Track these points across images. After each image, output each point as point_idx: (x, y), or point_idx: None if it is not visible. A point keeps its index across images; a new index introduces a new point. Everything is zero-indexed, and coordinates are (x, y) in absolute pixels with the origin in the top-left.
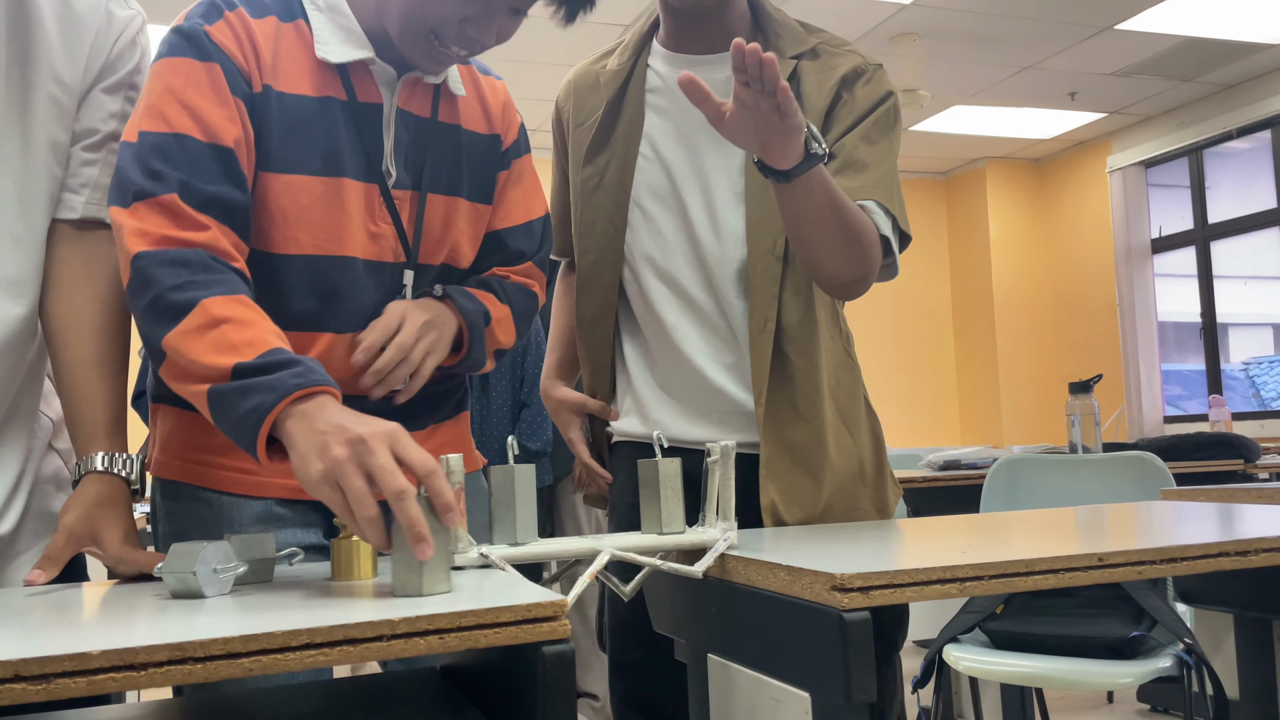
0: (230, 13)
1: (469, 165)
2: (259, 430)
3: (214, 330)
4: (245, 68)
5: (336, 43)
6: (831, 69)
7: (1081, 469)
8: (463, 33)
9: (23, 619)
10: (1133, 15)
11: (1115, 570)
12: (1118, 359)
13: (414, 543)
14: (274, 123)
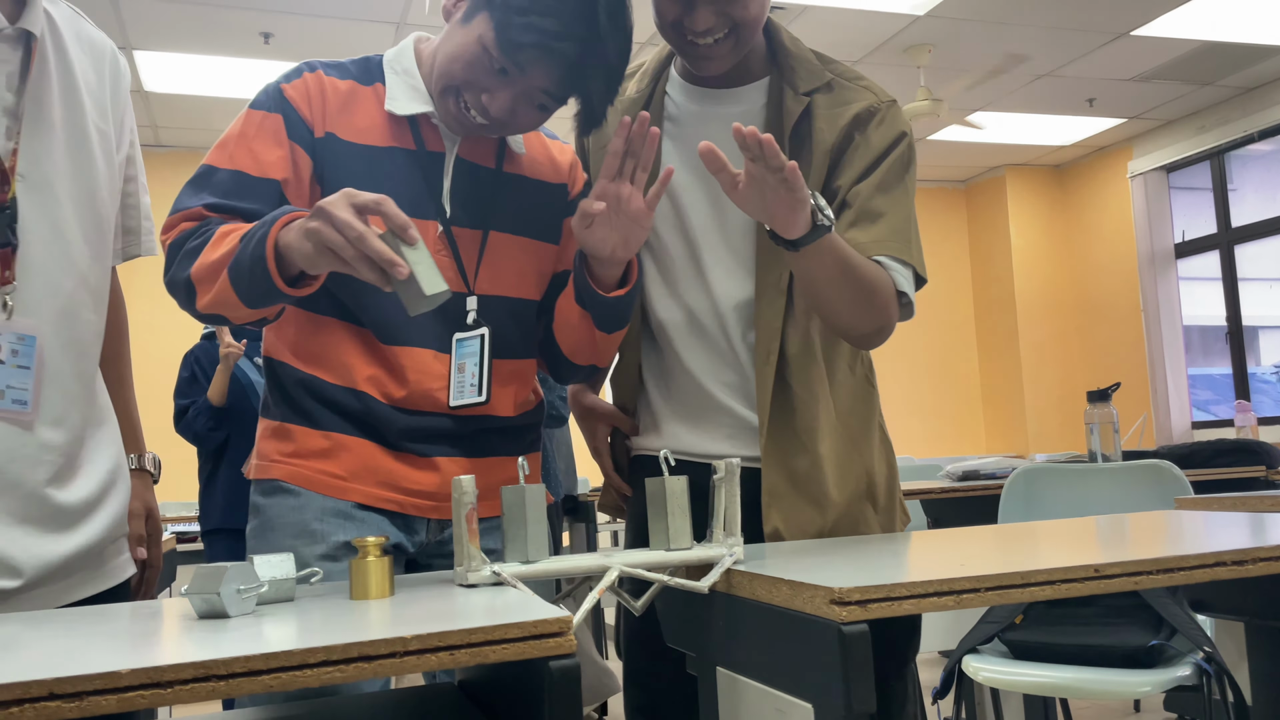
0: (309, 74)
1: (533, 209)
2: (264, 258)
3: (224, 238)
4: (309, 117)
5: (404, 99)
6: (844, 105)
7: (1099, 478)
8: (480, 102)
9: (55, 639)
10: (1149, 21)
11: (1111, 581)
12: (1143, 364)
13: (388, 267)
14: (337, 164)
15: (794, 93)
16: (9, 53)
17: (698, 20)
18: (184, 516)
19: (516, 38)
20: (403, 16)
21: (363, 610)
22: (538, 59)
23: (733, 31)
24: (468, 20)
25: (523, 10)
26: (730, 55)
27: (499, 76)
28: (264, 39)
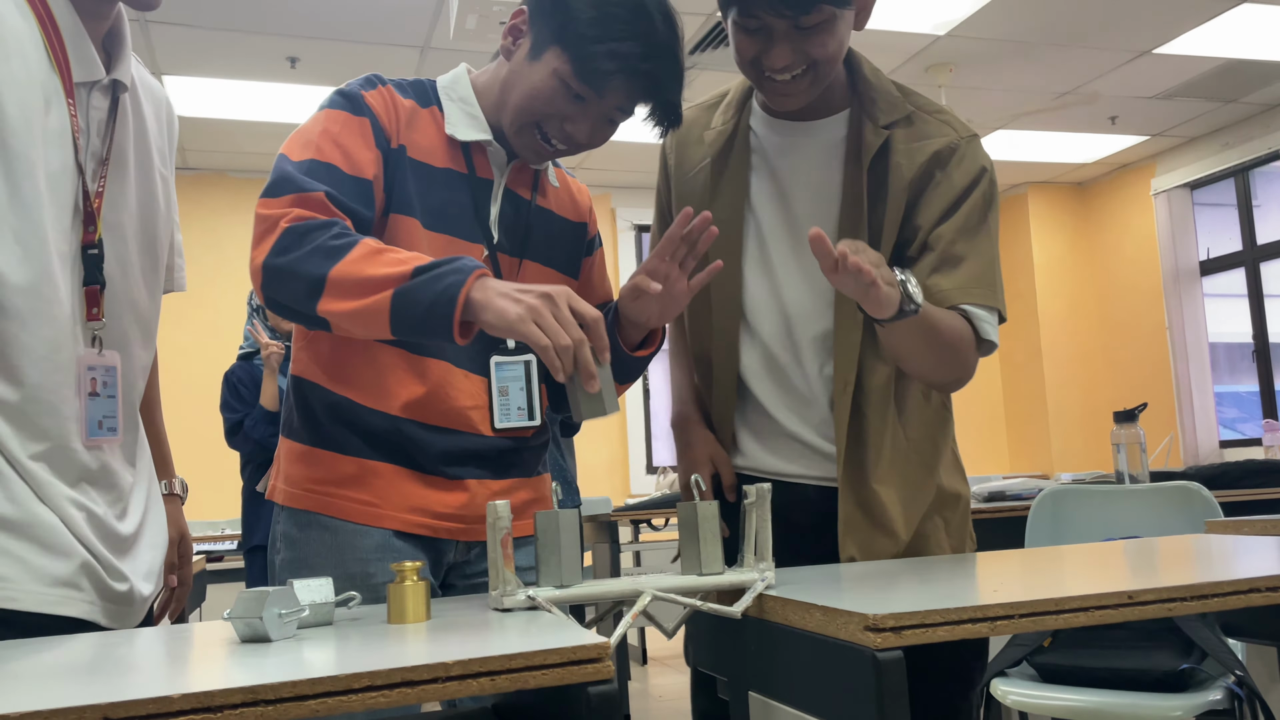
0: (382, 87)
1: (560, 243)
2: (455, 304)
3: (380, 255)
4: (388, 127)
5: (463, 125)
6: (924, 140)
7: (1127, 499)
8: (563, 131)
9: (106, 664)
10: (1171, 39)
11: (1145, 608)
12: (1168, 383)
13: (587, 380)
14: (404, 178)
15: (874, 125)
16: (100, 100)
17: (775, 58)
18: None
19: (599, 66)
20: (426, 41)
21: (401, 635)
22: (619, 83)
23: (810, 69)
24: (536, 56)
25: (598, 39)
26: (808, 92)
27: (577, 103)
28: (290, 63)
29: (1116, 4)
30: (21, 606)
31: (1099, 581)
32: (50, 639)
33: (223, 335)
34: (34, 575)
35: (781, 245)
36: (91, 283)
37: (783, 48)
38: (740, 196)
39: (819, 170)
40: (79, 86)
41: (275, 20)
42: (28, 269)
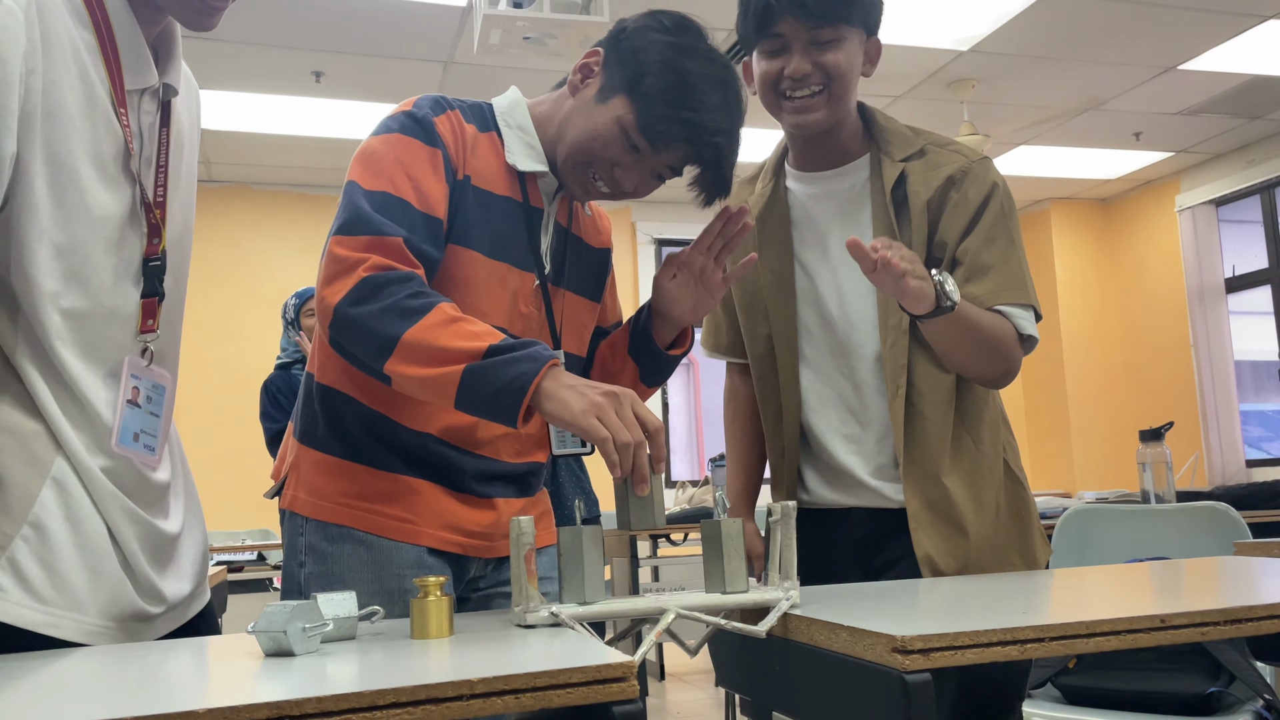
0: (450, 112)
1: (591, 271)
2: (525, 393)
3: (454, 325)
4: (455, 158)
5: (522, 155)
6: (937, 168)
7: (1154, 519)
8: (611, 175)
9: (130, 677)
10: (1196, 56)
11: (1179, 632)
12: (1193, 400)
13: (638, 483)
14: (466, 206)
15: (890, 160)
16: (150, 105)
17: (795, 68)
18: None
19: (665, 130)
20: (450, 56)
21: (424, 650)
22: (678, 147)
23: (826, 85)
24: (604, 100)
25: (671, 103)
26: (826, 107)
27: (632, 154)
28: (315, 77)
29: (1141, 20)
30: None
31: (1129, 604)
32: (73, 651)
33: (244, 346)
34: (35, 594)
35: (827, 284)
36: (151, 294)
37: (801, 59)
38: (786, 245)
39: (850, 209)
40: (131, 94)
41: (300, 35)
42: (76, 285)
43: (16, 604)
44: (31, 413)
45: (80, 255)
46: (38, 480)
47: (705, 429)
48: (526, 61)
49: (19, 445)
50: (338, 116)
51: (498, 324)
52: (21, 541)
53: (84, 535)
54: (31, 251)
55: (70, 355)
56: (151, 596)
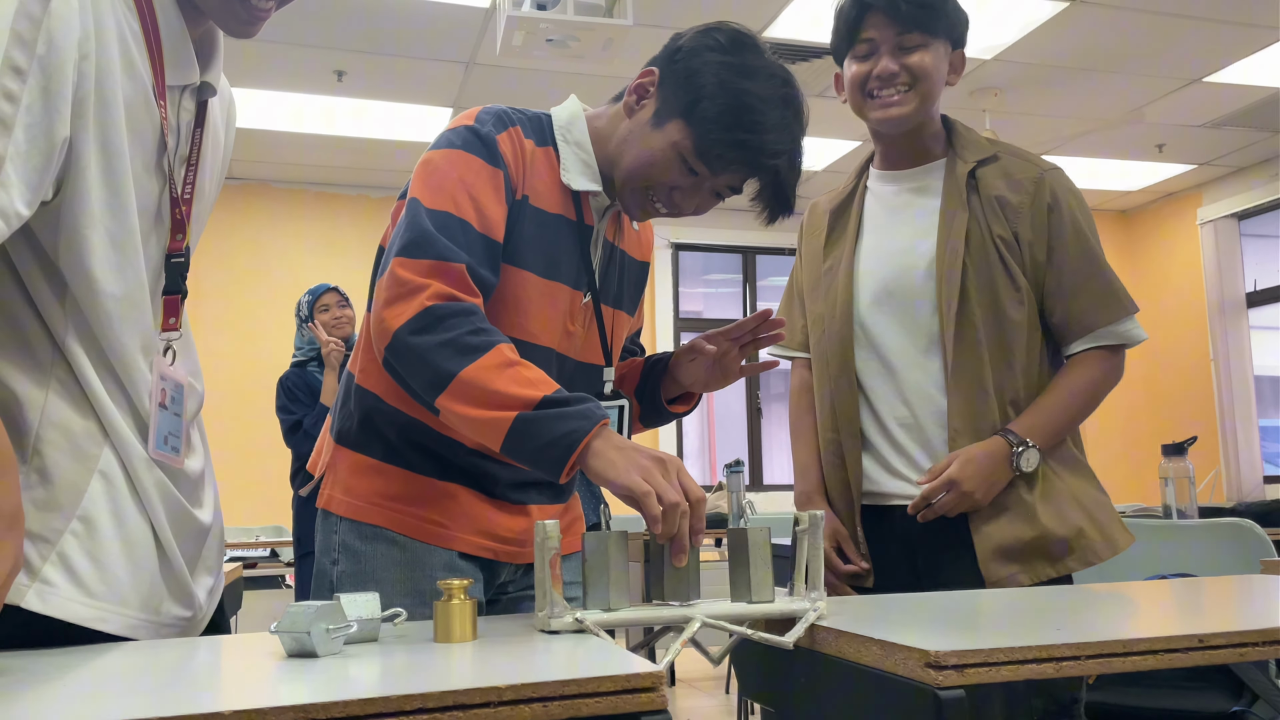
0: (512, 129)
1: (633, 285)
2: (574, 450)
3: (511, 369)
4: (515, 178)
5: (577, 173)
6: (1008, 174)
7: (1177, 535)
8: (670, 198)
9: (153, 677)
10: (1221, 69)
11: (1216, 652)
12: (1212, 415)
13: (676, 552)
14: (521, 225)
15: (964, 162)
16: (189, 103)
17: (882, 67)
18: (245, 543)
19: (723, 154)
20: (472, 56)
21: (448, 654)
22: (737, 169)
23: (912, 85)
24: (659, 124)
25: (729, 127)
26: (911, 102)
27: (690, 177)
28: (337, 76)
29: (1166, 32)
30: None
31: (1165, 623)
32: (97, 648)
33: (261, 343)
34: (84, 589)
35: (892, 281)
36: (173, 291)
37: (888, 60)
38: (850, 248)
39: (921, 202)
40: (171, 89)
41: (323, 34)
42: (124, 275)
43: (68, 599)
44: (79, 402)
45: (132, 245)
46: (85, 474)
47: (718, 434)
48: (549, 63)
49: (66, 438)
50: (359, 116)
51: (546, 343)
52: (71, 536)
53: (128, 529)
54: (85, 239)
55: (122, 343)
56: (186, 590)
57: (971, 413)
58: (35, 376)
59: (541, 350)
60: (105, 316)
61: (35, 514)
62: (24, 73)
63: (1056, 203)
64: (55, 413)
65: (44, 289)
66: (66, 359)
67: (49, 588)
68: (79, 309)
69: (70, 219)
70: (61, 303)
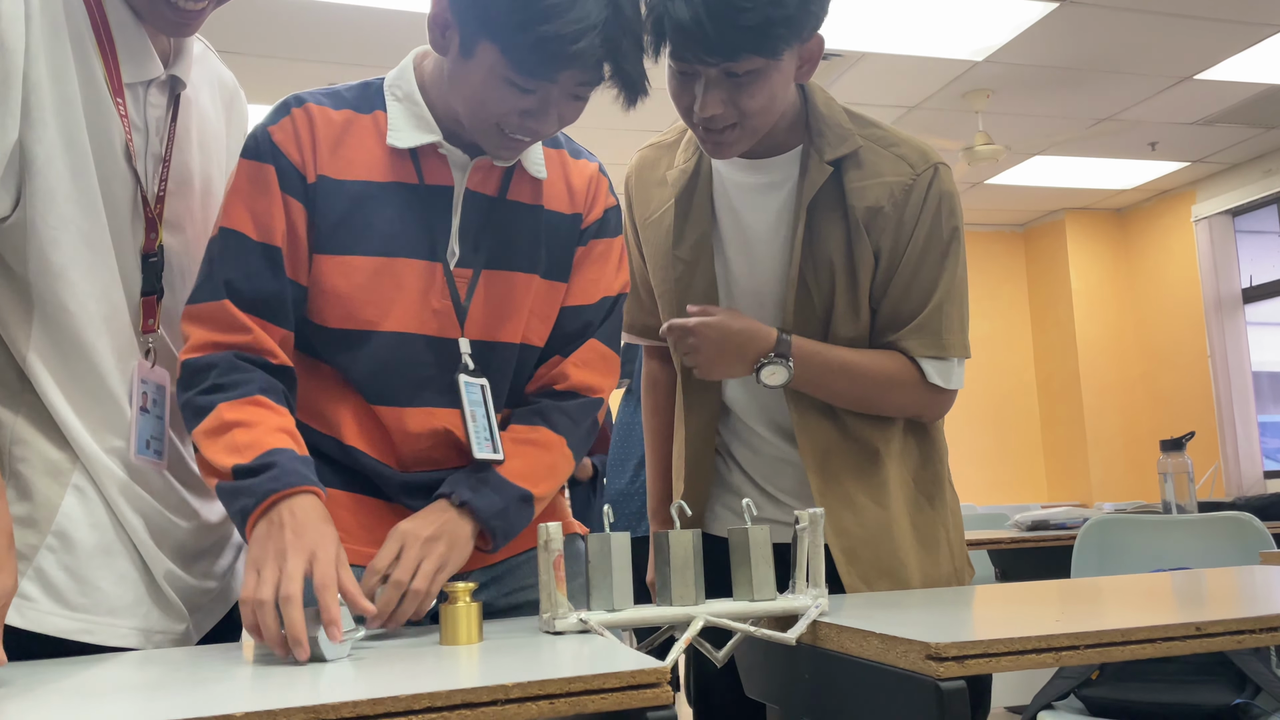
0: (297, 109)
1: (548, 244)
2: (245, 529)
3: (225, 434)
4: (301, 162)
5: (408, 129)
6: (875, 176)
7: (1176, 530)
8: (524, 124)
9: (164, 681)
10: (1212, 66)
11: (1214, 640)
12: (1210, 411)
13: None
14: (329, 209)
15: (819, 160)
16: (158, 98)
17: (705, 106)
18: None
19: (533, 56)
20: None
21: (455, 656)
22: (568, 66)
23: (740, 122)
24: (469, 53)
25: (525, 25)
26: (741, 142)
27: (529, 96)
28: None
29: (1157, 30)
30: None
31: (1163, 612)
32: (108, 656)
33: None
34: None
35: (746, 285)
36: (149, 292)
37: (713, 95)
38: (705, 238)
39: (775, 210)
40: (131, 86)
41: (320, 48)
42: (98, 274)
43: (47, 613)
44: (47, 423)
45: (104, 243)
46: (60, 490)
47: None
48: None
49: (38, 456)
50: None
51: (396, 328)
52: (47, 551)
53: (107, 542)
54: (55, 241)
55: (94, 349)
56: (172, 601)
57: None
58: (4, 399)
59: (387, 337)
60: (76, 324)
61: (14, 531)
62: None
63: (922, 215)
64: (24, 433)
65: (8, 306)
66: (29, 376)
67: (27, 602)
68: (46, 323)
69: (39, 224)
70: (28, 319)
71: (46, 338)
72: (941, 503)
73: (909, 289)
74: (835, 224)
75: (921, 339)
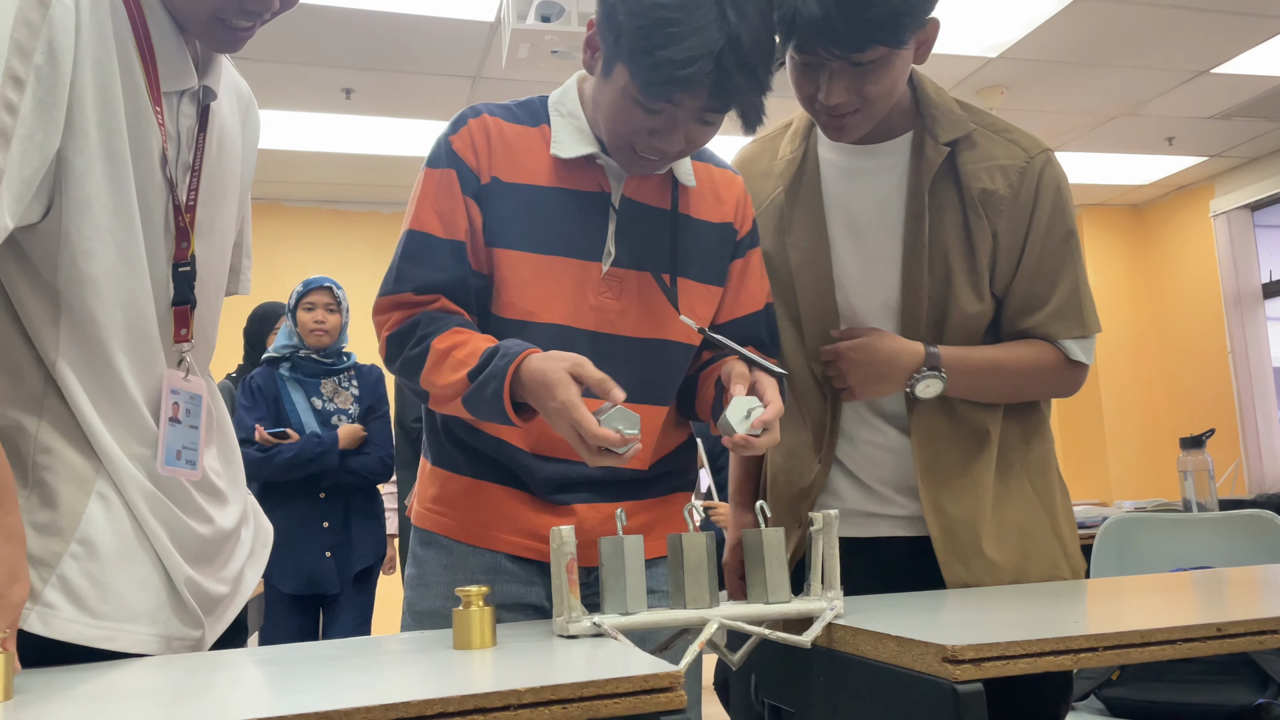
0: (474, 119)
1: (697, 249)
2: (503, 408)
3: (446, 360)
4: (477, 166)
5: (570, 141)
6: (989, 160)
7: (1196, 528)
8: (651, 143)
9: (173, 689)
10: (1229, 59)
11: (1235, 640)
12: (1231, 408)
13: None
14: (499, 207)
15: (934, 143)
16: (189, 107)
17: (831, 94)
18: None
19: (654, 78)
20: (479, 71)
21: (468, 660)
22: (682, 90)
23: (865, 106)
24: (608, 74)
25: (648, 50)
26: (861, 126)
27: (657, 117)
28: (345, 94)
29: (1172, 24)
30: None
31: (1182, 613)
32: (110, 664)
33: None
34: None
35: (855, 272)
36: (182, 301)
37: (838, 84)
38: (818, 224)
39: (885, 193)
40: (168, 95)
41: (330, 53)
42: (130, 285)
43: (70, 620)
44: (71, 429)
45: (137, 253)
46: (84, 497)
47: None
48: (555, 75)
49: (62, 463)
50: (368, 133)
51: (554, 320)
52: (70, 559)
53: (129, 548)
54: (89, 251)
55: (124, 357)
56: (190, 608)
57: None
58: (27, 404)
59: (547, 328)
60: (103, 333)
61: (36, 538)
62: (23, 83)
63: (1040, 198)
64: (48, 439)
65: (36, 312)
66: (58, 385)
67: (50, 610)
68: (73, 331)
69: (74, 233)
70: (55, 325)
71: (74, 344)
72: (1047, 485)
73: (1038, 273)
74: (951, 204)
75: (1064, 322)
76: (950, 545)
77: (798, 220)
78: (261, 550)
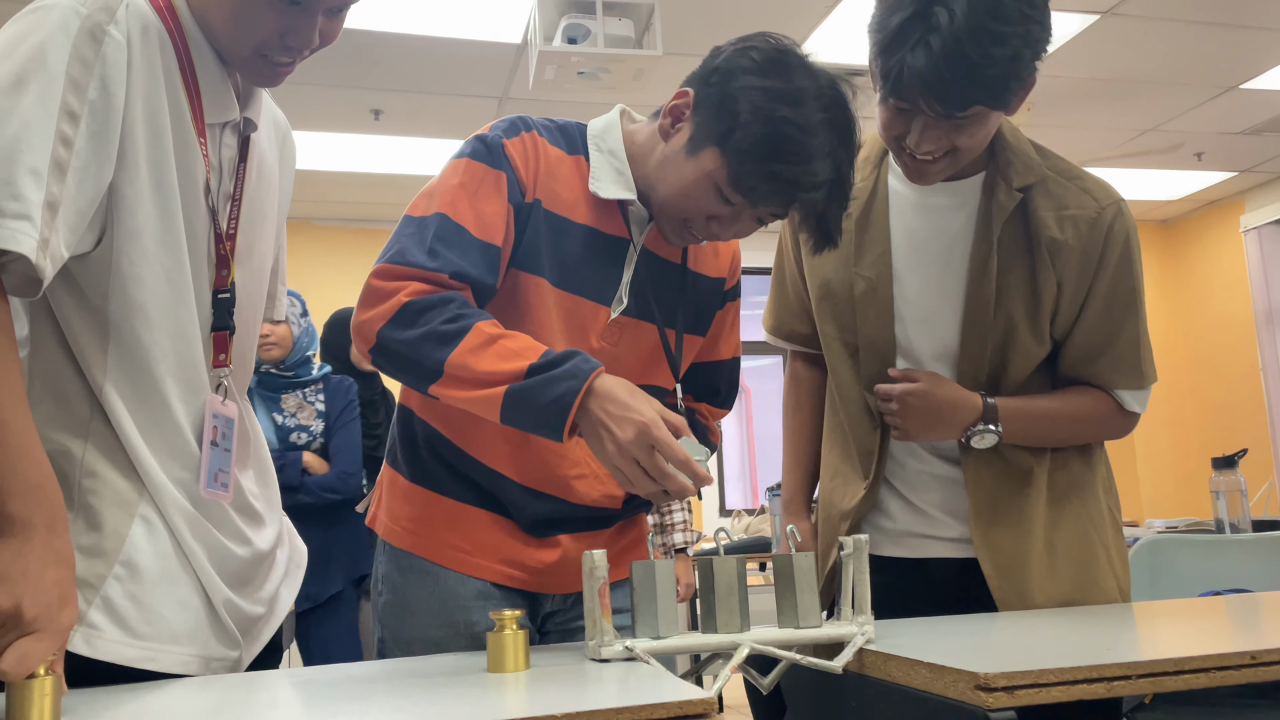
0: (527, 134)
1: (692, 302)
2: (568, 412)
3: (493, 345)
4: (525, 180)
5: (609, 181)
6: (1062, 208)
7: (1230, 550)
8: (708, 227)
9: (204, 710)
10: (1257, 75)
11: (1270, 669)
12: (1264, 426)
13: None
14: (536, 231)
15: (1007, 187)
16: (230, 138)
17: (922, 142)
18: None
19: (756, 185)
20: (505, 91)
21: (501, 684)
22: (786, 203)
23: (951, 153)
24: (694, 152)
25: (764, 159)
26: (945, 173)
27: (727, 206)
28: (374, 115)
29: (1200, 40)
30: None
31: (1217, 640)
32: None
33: None
34: (130, 630)
35: (917, 307)
36: (221, 327)
37: (931, 134)
38: (884, 255)
39: (954, 232)
40: (211, 127)
41: (359, 74)
42: (177, 312)
43: (113, 642)
44: (115, 453)
45: (184, 280)
46: (127, 520)
47: (758, 456)
48: (582, 95)
49: (106, 486)
50: (396, 153)
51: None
52: (114, 580)
53: (171, 570)
54: (139, 279)
55: (171, 382)
56: (228, 630)
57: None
58: (74, 428)
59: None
60: (150, 358)
61: (81, 560)
62: (78, 117)
63: (1107, 250)
64: (93, 463)
65: (85, 337)
66: (104, 410)
67: (95, 632)
68: (121, 356)
69: (124, 261)
70: (104, 351)
71: (121, 370)
72: (1099, 510)
73: (1100, 324)
74: (1019, 249)
75: (1123, 373)
76: (1005, 583)
77: (866, 250)
78: (296, 571)
